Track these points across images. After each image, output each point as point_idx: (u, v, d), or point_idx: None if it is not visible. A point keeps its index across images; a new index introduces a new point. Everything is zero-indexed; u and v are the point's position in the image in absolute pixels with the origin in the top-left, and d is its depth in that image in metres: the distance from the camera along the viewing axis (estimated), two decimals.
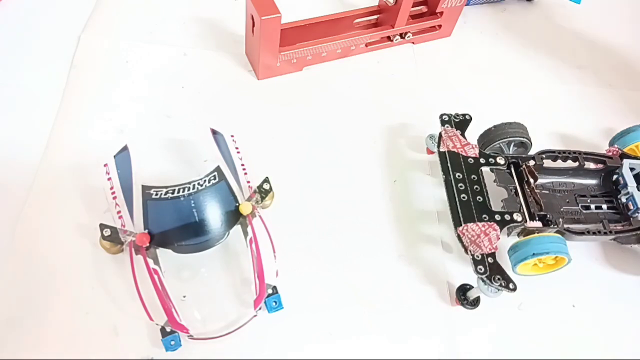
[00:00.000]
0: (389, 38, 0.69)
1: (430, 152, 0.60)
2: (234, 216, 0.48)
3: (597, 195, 0.57)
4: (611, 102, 0.71)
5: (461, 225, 0.49)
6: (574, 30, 0.79)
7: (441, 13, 0.69)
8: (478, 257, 0.47)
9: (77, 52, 0.62)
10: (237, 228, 0.48)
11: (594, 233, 0.52)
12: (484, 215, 0.49)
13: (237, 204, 0.48)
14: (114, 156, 0.50)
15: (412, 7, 0.66)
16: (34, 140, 0.54)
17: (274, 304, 0.47)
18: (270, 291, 0.47)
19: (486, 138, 0.56)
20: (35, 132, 0.55)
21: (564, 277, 0.54)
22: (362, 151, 0.60)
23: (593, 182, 0.58)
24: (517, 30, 0.78)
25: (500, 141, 0.56)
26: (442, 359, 0.48)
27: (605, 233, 0.52)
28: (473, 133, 0.57)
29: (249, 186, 0.51)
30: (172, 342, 0.44)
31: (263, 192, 0.50)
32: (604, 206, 0.56)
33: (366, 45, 0.68)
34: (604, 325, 0.52)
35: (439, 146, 0.55)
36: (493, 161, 0.54)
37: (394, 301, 0.50)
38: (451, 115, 0.57)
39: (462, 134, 0.55)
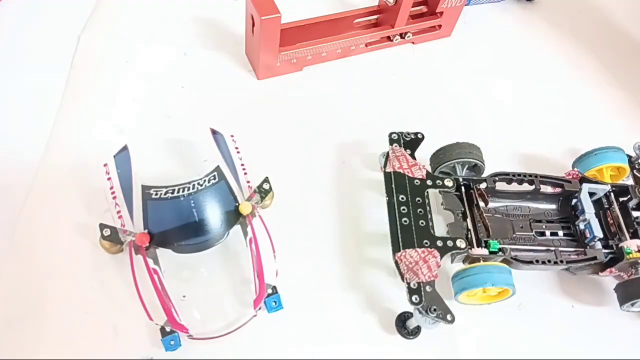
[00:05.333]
0: (389, 38, 0.69)
1: (383, 170, 0.55)
2: (233, 216, 0.48)
3: (553, 220, 0.54)
4: (610, 104, 0.71)
5: (400, 250, 0.46)
6: (574, 30, 0.79)
7: (441, 13, 0.69)
8: (414, 285, 0.44)
9: (77, 52, 0.62)
10: (237, 228, 0.48)
11: (543, 262, 0.48)
12: (425, 241, 0.46)
13: (237, 204, 0.48)
14: (114, 156, 0.50)
15: (412, 7, 0.66)
16: (34, 140, 0.54)
17: (273, 304, 0.47)
18: (270, 291, 0.47)
19: (437, 159, 0.54)
20: (35, 132, 0.55)
21: (564, 278, 0.54)
22: (362, 151, 0.60)
23: (550, 206, 0.55)
24: (517, 30, 0.78)
25: (450, 162, 0.53)
26: (442, 359, 0.48)
27: (556, 263, 0.49)
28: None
29: (249, 186, 0.51)
30: (172, 342, 0.44)
31: (263, 192, 0.50)
32: (560, 232, 0.53)
33: (366, 45, 0.68)
34: (603, 326, 0.52)
35: (385, 166, 0.52)
36: (441, 183, 0.51)
37: (394, 301, 0.50)
38: (401, 133, 0.54)
39: (412, 154, 0.52)
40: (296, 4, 0.66)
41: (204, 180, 0.49)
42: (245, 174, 0.51)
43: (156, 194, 0.48)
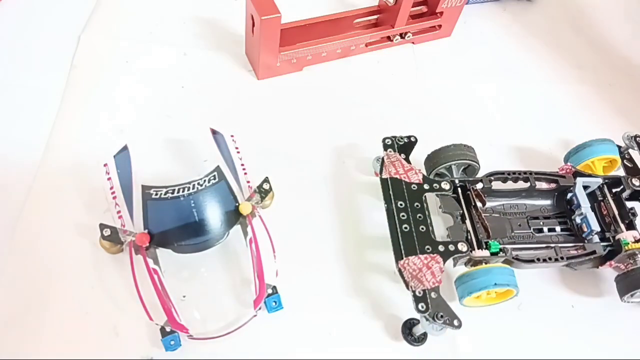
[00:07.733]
0: (389, 38, 0.69)
1: (377, 175, 0.55)
2: (233, 216, 0.48)
3: (550, 216, 0.54)
4: (611, 102, 0.71)
5: (402, 258, 0.45)
6: (574, 30, 0.79)
7: (441, 13, 0.69)
8: (419, 293, 0.44)
9: (77, 52, 0.62)
10: (237, 228, 0.48)
11: (544, 260, 0.49)
12: (426, 247, 0.46)
13: (237, 204, 0.48)
14: (114, 156, 0.50)
15: (412, 7, 0.66)
16: (34, 140, 0.54)
17: (273, 304, 0.47)
18: (270, 291, 0.47)
19: (432, 161, 0.54)
20: (35, 132, 0.55)
21: (563, 278, 0.54)
22: (362, 151, 0.60)
23: (546, 202, 0.55)
24: (517, 30, 0.78)
25: (445, 164, 0.53)
26: (442, 359, 0.48)
27: (556, 260, 0.49)
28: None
29: (249, 186, 0.51)
30: (172, 342, 0.44)
31: (263, 192, 0.50)
32: (558, 228, 0.53)
33: (366, 45, 0.68)
34: (603, 326, 0.52)
35: (381, 172, 0.51)
36: (437, 186, 0.50)
37: (394, 301, 0.50)
38: (394, 138, 0.53)
39: (407, 158, 0.52)
40: (296, 4, 0.66)
41: (204, 180, 0.49)
42: (245, 174, 0.51)
43: (156, 194, 0.48)
